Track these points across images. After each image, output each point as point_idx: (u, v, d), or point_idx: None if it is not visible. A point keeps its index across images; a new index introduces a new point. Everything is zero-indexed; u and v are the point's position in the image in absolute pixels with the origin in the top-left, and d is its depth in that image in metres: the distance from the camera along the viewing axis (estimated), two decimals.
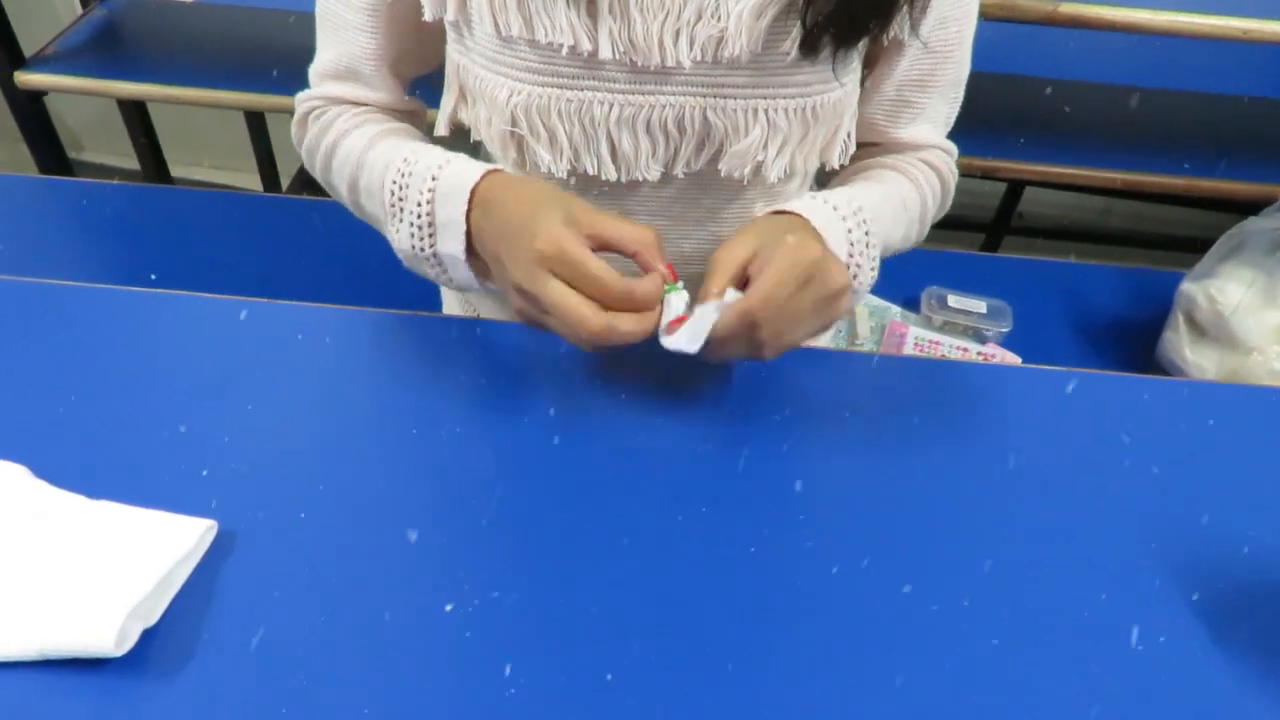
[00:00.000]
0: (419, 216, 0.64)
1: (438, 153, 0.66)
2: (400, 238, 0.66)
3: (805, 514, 0.60)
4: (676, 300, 0.60)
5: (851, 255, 0.66)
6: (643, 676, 0.50)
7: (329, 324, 0.72)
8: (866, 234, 0.67)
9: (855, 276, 0.67)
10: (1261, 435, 0.68)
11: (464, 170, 0.63)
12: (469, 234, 0.63)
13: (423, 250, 0.65)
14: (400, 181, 0.65)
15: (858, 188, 0.72)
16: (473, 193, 0.62)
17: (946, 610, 0.54)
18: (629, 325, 0.57)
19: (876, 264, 0.68)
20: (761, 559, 0.57)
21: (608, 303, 0.57)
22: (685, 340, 0.58)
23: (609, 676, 0.50)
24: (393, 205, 0.66)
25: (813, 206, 0.65)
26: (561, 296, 0.56)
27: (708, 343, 0.58)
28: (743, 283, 0.59)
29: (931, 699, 0.50)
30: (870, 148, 0.79)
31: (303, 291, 0.79)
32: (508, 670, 0.50)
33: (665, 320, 0.60)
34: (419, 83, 0.79)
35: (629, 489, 0.60)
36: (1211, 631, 0.55)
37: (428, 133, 0.79)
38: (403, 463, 0.61)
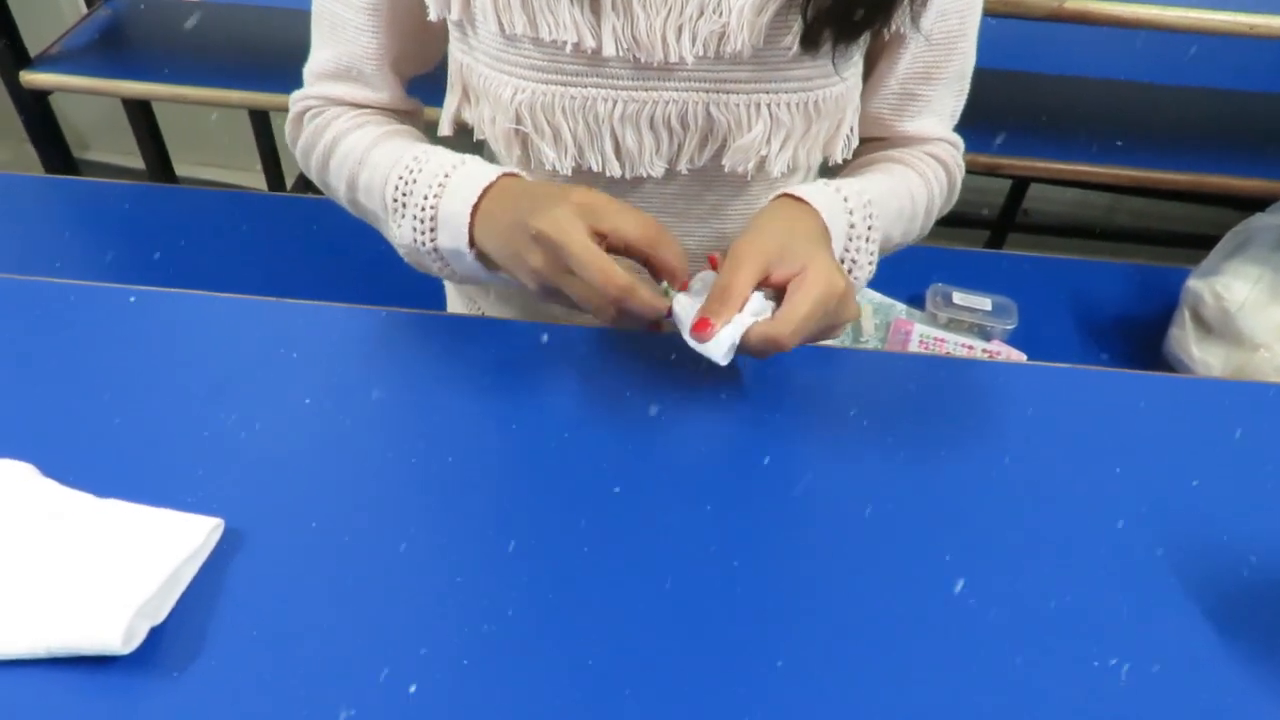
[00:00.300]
0: (422, 210, 0.64)
1: (453, 154, 0.67)
2: (401, 232, 0.66)
3: (809, 512, 0.60)
4: (685, 303, 0.61)
5: (848, 250, 0.66)
6: (644, 677, 0.50)
7: (334, 323, 0.72)
8: (869, 228, 0.67)
9: (850, 271, 0.67)
10: (1268, 432, 0.68)
11: (482, 168, 0.64)
12: (472, 225, 0.63)
13: (423, 245, 0.65)
14: (406, 178, 0.65)
15: (867, 178, 0.72)
16: (489, 188, 0.62)
17: (951, 608, 0.54)
18: (647, 295, 0.58)
19: (875, 258, 0.68)
20: (765, 557, 0.56)
21: (635, 253, 0.58)
22: (722, 353, 0.58)
23: (609, 675, 0.50)
24: (395, 200, 0.66)
25: (822, 195, 0.65)
26: (589, 247, 0.56)
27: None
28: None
29: (936, 698, 0.50)
30: (877, 142, 0.79)
31: (308, 290, 0.79)
32: (514, 669, 0.50)
33: (687, 320, 0.60)
34: (419, 82, 0.79)
35: (632, 487, 0.60)
36: (1219, 629, 0.54)
37: (426, 133, 0.79)
38: (408, 461, 0.61)
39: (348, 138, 0.72)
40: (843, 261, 0.66)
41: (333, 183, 0.75)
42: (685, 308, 0.60)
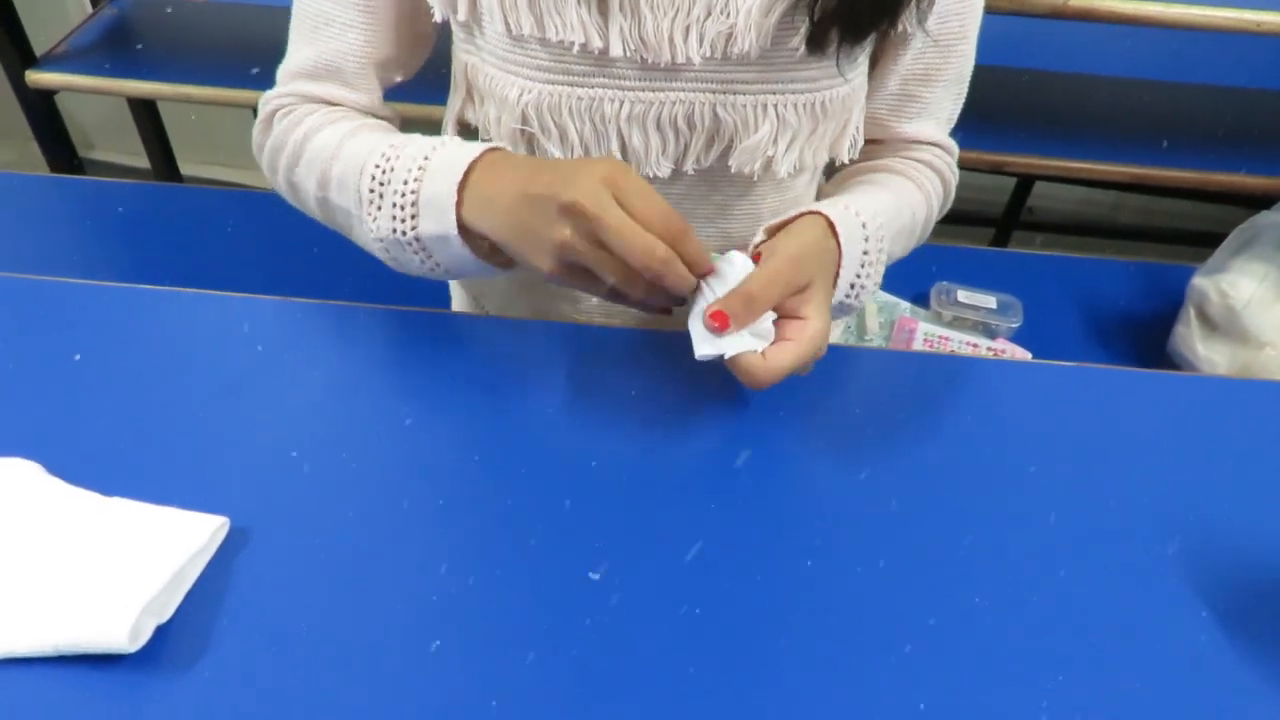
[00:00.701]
0: (402, 196, 0.62)
1: (432, 138, 0.64)
2: (379, 224, 0.63)
3: (812, 511, 0.60)
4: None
5: (859, 277, 0.66)
6: (646, 675, 0.50)
7: (339, 321, 0.72)
8: (880, 251, 0.67)
9: (857, 295, 0.67)
10: (1273, 430, 0.68)
11: (463, 146, 0.62)
12: (460, 204, 0.60)
13: (403, 234, 0.63)
14: (384, 165, 0.63)
15: (875, 197, 0.71)
16: (473, 165, 0.60)
17: (955, 608, 0.54)
18: (683, 269, 0.57)
19: (880, 278, 0.69)
20: (769, 557, 0.57)
21: (664, 236, 0.56)
22: (711, 351, 0.59)
23: (611, 674, 0.50)
24: (372, 191, 0.63)
25: (845, 220, 0.64)
26: (626, 220, 0.55)
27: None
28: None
29: (938, 696, 0.50)
30: (873, 144, 0.79)
31: (313, 289, 0.79)
32: (517, 667, 0.50)
33: (701, 302, 0.60)
34: (421, 82, 0.79)
35: (635, 485, 0.60)
36: (1224, 628, 0.54)
37: (426, 134, 0.78)
38: (412, 460, 0.62)
39: (321, 132, 0.69)
40: (853, 287, 0.66)
41: (301, 181, 0.71)
42: (706, 288, 0.60)
